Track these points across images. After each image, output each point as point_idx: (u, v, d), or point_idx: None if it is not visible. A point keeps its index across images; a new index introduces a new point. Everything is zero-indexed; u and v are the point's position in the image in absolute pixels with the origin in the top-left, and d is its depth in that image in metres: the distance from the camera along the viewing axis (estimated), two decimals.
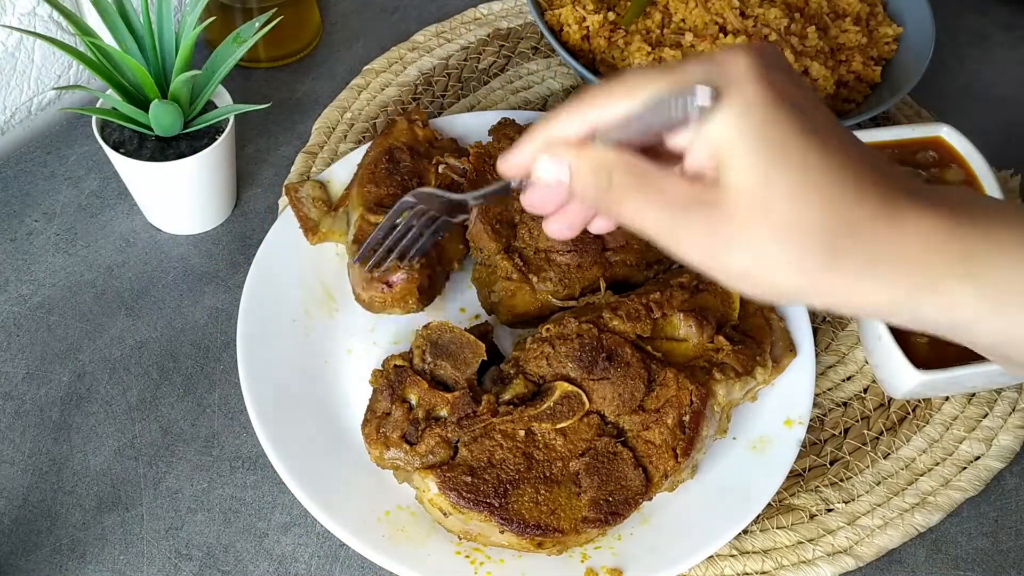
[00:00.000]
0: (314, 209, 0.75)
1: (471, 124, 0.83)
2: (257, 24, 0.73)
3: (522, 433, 0.63)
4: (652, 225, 0.44)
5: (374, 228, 0.69)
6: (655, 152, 0.46)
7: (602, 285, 0.72)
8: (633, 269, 0.73)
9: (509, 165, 0.49)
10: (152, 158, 0.72)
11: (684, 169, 0.44)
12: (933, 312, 0.42)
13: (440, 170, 0.75)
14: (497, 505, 0.61)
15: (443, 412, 0.63)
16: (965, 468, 0.71)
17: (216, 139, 0.73)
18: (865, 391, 0.75)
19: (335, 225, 0.74)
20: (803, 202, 0.40)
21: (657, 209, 0.43)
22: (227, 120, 0.74)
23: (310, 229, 0.75)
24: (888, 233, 0.41)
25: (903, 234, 0.41)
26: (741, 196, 0.41)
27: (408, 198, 0.63)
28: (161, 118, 0.70)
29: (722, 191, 0.42)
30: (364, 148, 0.79)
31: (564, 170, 0.45)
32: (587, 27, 0.88)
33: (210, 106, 0.76)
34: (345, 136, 0.87)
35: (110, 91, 0.72)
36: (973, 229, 0.41)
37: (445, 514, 0.62)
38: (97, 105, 0.74)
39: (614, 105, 0.44)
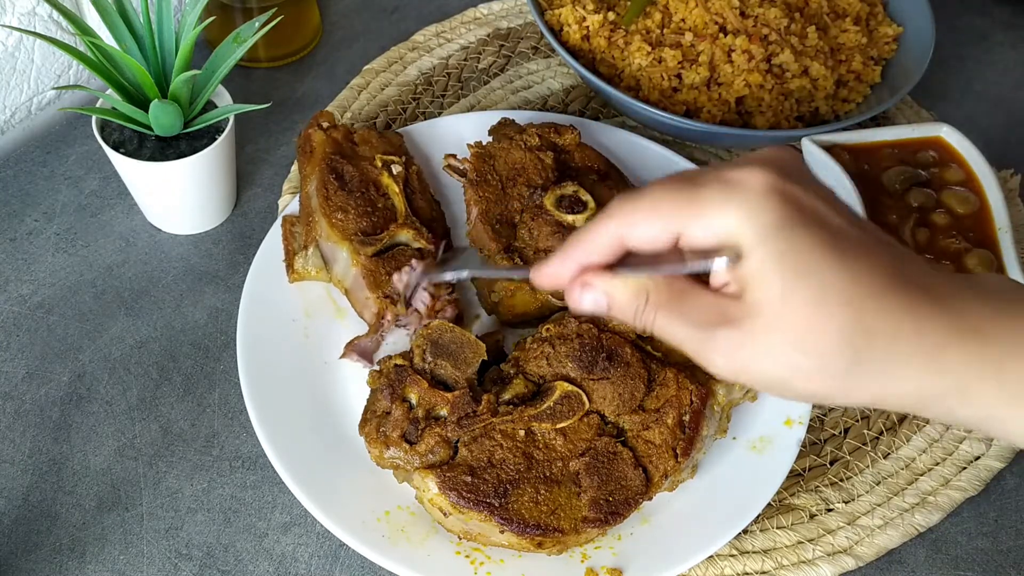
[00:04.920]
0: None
1: (471, 124, 0.83)
2: (257, 24, 0.73)
3: (522, 433, 0.63)
4: (683, 340, 0.46)
5: (377, 267, 0.68)
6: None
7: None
8: None
9: (544, 279, 0.50)
10: (152, 158, 0.72)
11: (711, 284, 0.46)
12: (965, 412, 0.43)
13: (395, 171, 0.73)
14: (497, 505, 0.61)
15: (443, 412, 0.63)
16: (965, 468, 0.71)
17: (216, 139, 0.73)
18: None
19: (308, 264, 0.72)
20: (820, 312, 0.42)
21: (688, 326, 0.45)
22: (227, 120, 0.74)
23: (291, 265, 0.73)
24: (909, 337, 0.42)
25: (924, 340, 0.42)
26: (762, 312, 0.43)
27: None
28: (161, 118, 0.70)
29: (745, 307, 0.43)
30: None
31: (602, 299, 0.47)
32: (587, 27, 0.88)
33: (210, 106, 0.76)
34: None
35: (110, 91, 0.72)
36: (998, 332, 0.42)
37: (445, 514, 0.62)
38: (97, 105, 0.74)
39: (640, 223, 0.46)
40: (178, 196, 0.76)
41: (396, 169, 0.73)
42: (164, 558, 0.64)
